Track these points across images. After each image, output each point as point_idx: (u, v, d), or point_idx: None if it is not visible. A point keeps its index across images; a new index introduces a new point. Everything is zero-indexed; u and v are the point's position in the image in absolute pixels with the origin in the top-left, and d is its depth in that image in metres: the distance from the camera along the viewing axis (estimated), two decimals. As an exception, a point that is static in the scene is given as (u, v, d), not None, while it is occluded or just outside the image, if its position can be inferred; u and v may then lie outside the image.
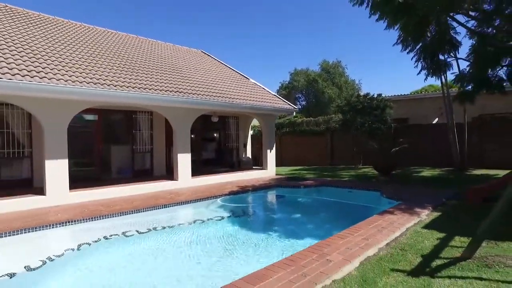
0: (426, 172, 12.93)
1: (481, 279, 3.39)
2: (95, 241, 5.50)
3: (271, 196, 10.07)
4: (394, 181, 10.73)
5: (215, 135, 14.67)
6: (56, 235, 5.95)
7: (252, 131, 15.78)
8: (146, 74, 10.14)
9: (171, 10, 60.57)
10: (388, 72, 64.02)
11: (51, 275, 4.28)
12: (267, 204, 9.58)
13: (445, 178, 11.23)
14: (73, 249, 5.08)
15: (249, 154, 14.91)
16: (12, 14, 10.83)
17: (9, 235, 5.46)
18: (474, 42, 9.55)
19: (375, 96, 15.11)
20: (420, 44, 10.39)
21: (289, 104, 14.05)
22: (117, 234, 5.91)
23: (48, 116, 7.63)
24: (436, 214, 6.35)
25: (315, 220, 7.46)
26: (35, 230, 5.78)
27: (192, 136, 10.77)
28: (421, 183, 10.38)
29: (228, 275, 3.95)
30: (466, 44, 34.50)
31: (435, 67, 10.88)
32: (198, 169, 11.88)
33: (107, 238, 5.70)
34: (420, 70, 11.22)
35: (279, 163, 14.39)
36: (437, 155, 14.14)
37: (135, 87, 8.81)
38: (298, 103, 41.39)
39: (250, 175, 12.55)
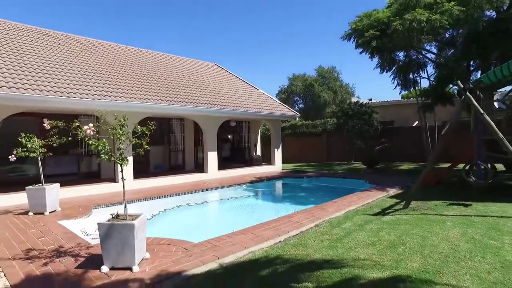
0: (405, 166, 15.94)
1: (407, 214, 6.37)
2: (172, 208, 8.41)
3: (281, 183, 13.07)
4: (377, 173, 13.73)
5: (229, 136, 17.56)
6: (147, 205, 8.71)
7: (260, 133, 18.64)
8: (181, 89, 13.00)
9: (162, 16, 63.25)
10: (379, 77, 67.46)
11: (156, 223, 7.15)
12: (279, 188, 12.63)
13: (417, 170, 14.22)
14: (164, 210, 8.00)
15: (258, 152, 17.81)
16: (67, 40, 13.67)
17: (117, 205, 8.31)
18: (434, 67, 12.67)
19: (364, 103, 18.07)
20: (395, 66, 13.43)
21: (292, 111, 16.99)
22: (182, 205, 8.83)
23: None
24: (400, 191, 9.31)
25: (315, 196, 10.45)
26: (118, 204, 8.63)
27: (216, 138, 13.67)
28: (398, 173, 13.39)
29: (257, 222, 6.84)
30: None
31: (406, 84, 14.00)
32: (218, 165, 14.73)
33: (178, 206, 8.62)
34: (396, 86, 14.31)
35: (283, 160, 17.25)
36: (414, 152, 17.11)
37: (177, 100, 11.67)
38: (296, 106, 44.39)
39: (262, 169, 15.45)
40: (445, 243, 4.55)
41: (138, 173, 11.57)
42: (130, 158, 10.34)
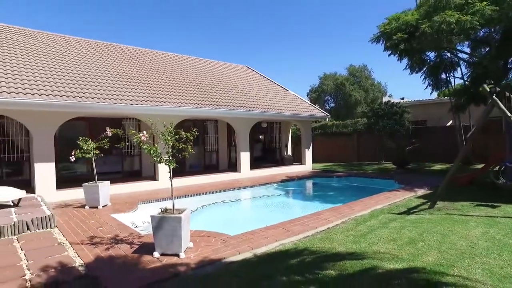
0: (437, 166, 15.77)
1: (431, 214, 6.62)
2: (208, 205, 9.11)
3: (311, 182, 13.49)
4: (408, 173, 13.77)
5: (261, 137, 18.16)
6: (186, 202, 9.46)
7: (290, 133, 19.09)
8: (215, 93, 13.74)
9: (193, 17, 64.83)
10: (411, 76, 65.30)
11: (195, 217, 7.85)
12: (309, 187, 13.08)
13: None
14: (201, 207, 8.71)
15: (289, 152, 18.26)
16: (111, 49, 14.83)
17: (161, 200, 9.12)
18: (467, 66, 12.50)
19: (395, 103, 17.99)
20: (426, 67, 13.37)
21: (322, 112, 17.29)
22: (218, 202, 9.50)
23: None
24: (428, 192, 9.45)
25: (344, 195, 10.78)
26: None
27: (248, 138, 14.30)
28: (429, 174, 13.36)
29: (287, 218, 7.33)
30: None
31: (438, 84, 13.87)
32: (251, 164, 15.35)
33: (214, 203, 9.31)
34: (427, 86, 14.22)
35: (313, 160, 17.59)
36: (448, 152, 16.82)
37: (212, 104, 12.40)
38: (327, 105, 44.26)
39: (292, 169, 15.91)
40: (463, 241, 4.83)
41: (175, 172, 12.30)
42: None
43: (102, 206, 7.98)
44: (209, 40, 70.70)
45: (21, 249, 4.93)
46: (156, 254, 4.47)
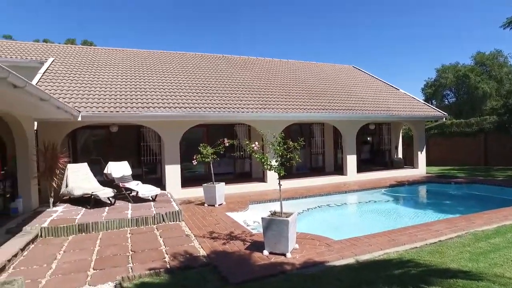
0: None
1: None
2: (314, 208, 9.37)
3: (424, 189, 12.51)
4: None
5: (368, 139, 17.51)
6: (292, 204, 9.92)
7: (401, 133, 17.87)
8: (321, 96, 13.89)
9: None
10: None
11: (301, 220, 8.17)
12: (421, 194, 12.18)
13: None
14: (307, 209, 9.04)
15: (400, 154, 17.15)
16: (226, 61, 16.37)
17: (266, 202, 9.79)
18: None
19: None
20: None
21: (438, 111, 15.71)
22: (323, 205, 9.69)
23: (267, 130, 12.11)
24: None
25: (462, 205, 9.72)
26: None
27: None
28: None
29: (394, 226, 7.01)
30: None
31: None
32: (358, 167, 14.96)
33: (319, 207, 9.53)
34: None
35: (427, 163, 16.09)
36: None
37: (318, 108, 12.60)
38: (446, 100, 39.63)
39: (403, 173, 14.92)
40: None
41: (282, 175, 12.99)
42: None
43: (218, 205, 9.03)
44: (317, 42, 70.56)
45: (160, 237, 6.08)
46: (265, 252, 4.97)
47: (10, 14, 55.22)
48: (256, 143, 5.20)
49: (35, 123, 8.94)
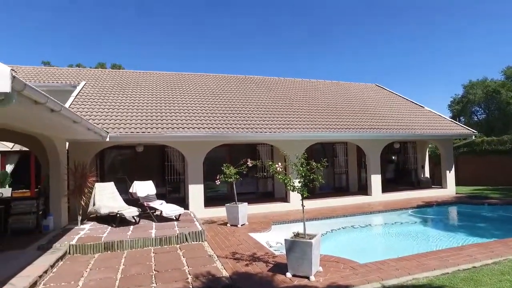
0: None
1: None
2: (338, 229, 9.14)
3: (455, 210, 11.97)
4: None
5: (393, 157, 17.09)
6: (316, 224, 9.74)
7: (428, 152, 17.33)
8: (344, 115, 13.81)
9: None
10: None
11: (324, 241, 7.98)
12: (451, 215, 11.64)
13: None
14: (331, 231, 8.85)
15: (427, 174, 16.59)
16: (247, 81, 16.65)
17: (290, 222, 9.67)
18: None
19: None
20: None
21: (467, 128, 15.20)
22: (347, 226, 9.44)
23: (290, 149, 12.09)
24: None
25: (498, 228, 9.20)
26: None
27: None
28: None
29: (422, 250, 6.72)
30: None
31: None
32: (382, 187, 14.56)
33: (344, 228, 9.29)
34: None
35: (457, 182, 15.43)
36: None
37: (341, 127, 12.51)
38: (475, 117, 38.37)
39: (430, 193, 14.39)
40: None
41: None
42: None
43: (241, 225, 9.00)
44: (341, 61, 70.69)
45: (183, 256, 6.11)
46: (288, 274, 4.89)
47: (48, 40, 59.01)
48: (279, 163, 5.22)
49: (67, 143, 9.36)
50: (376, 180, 13.28)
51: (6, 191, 11.22)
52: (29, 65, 16.13)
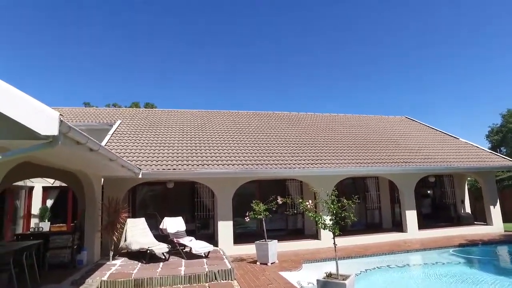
0: None
1: None
2: (373, 269, 8.67)
3: (505, 250, 11.03)
4: None
5: (429, 192, 16.31)
6: (348, 263, 9.27)
7: (468, 185, 16.41)
8: (374, 149, 13.53)
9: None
10: None
11: (358, 282, 7.56)
12: (501, 256, 10.69)
13: None
14: (365, 271, 8.39)
15: (467, 209, 15.61)
16: (275, 117, 16.88)
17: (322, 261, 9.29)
18: None
19: None
20: None
21: (508, 159, 14.35)
22: (382, 266, 8.93)
23: (320, 185, 11.84)
24: None
25: None
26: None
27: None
28: None
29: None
30: None
31: None
32: (419, 223, 13.78)
33: (379, 268, 8.79)
34: None
35: (504, 218, 14.32)
36: None
37: (371, 161, 12.23)
38: (518, 147, 36.25)
39: (474, 230, 13.42)
40: None
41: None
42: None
43: (271, 263, 8.75)
44: (367, 95, 70.38)
45: (212, 297, 5.97)
46: (321, 317, 4.64)
47: (87, 83, 63.46)
48: (310, 201, 5.13)
49: (102, 179, 9.73)
50: (411, 216, 12.64)
51: (46, 226, 11.73)
52: (71, 106, 17.39)
